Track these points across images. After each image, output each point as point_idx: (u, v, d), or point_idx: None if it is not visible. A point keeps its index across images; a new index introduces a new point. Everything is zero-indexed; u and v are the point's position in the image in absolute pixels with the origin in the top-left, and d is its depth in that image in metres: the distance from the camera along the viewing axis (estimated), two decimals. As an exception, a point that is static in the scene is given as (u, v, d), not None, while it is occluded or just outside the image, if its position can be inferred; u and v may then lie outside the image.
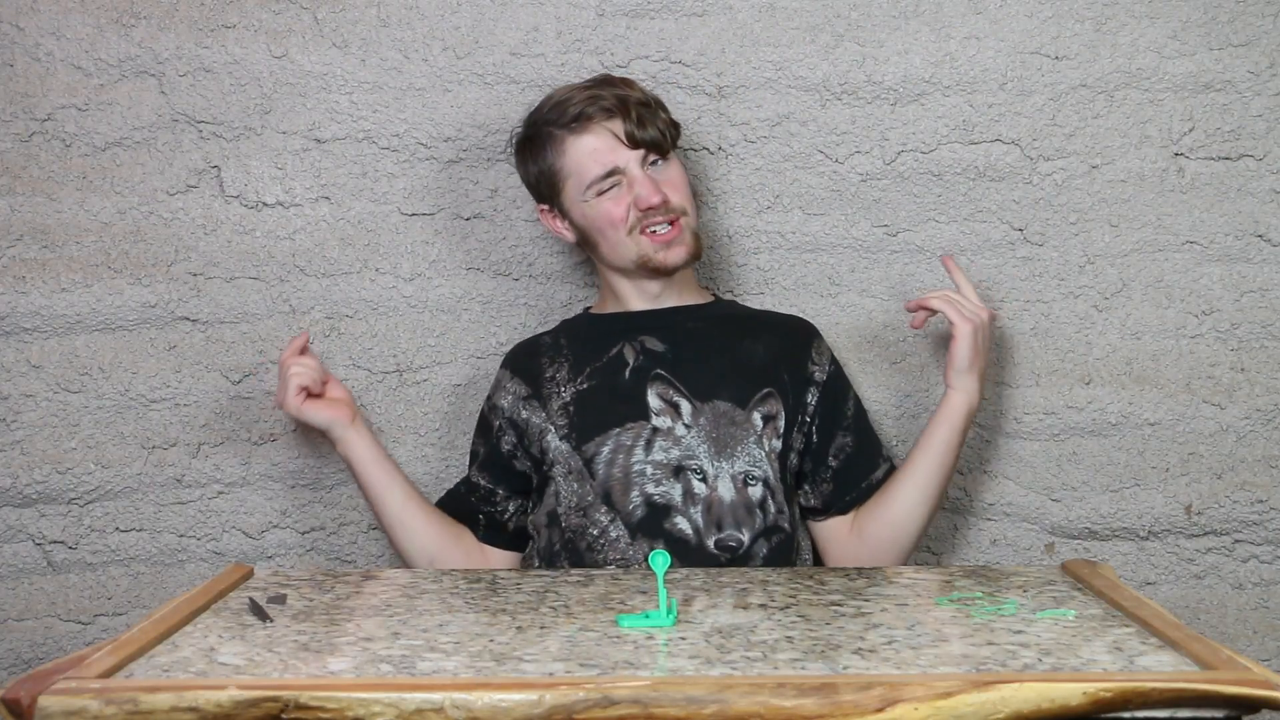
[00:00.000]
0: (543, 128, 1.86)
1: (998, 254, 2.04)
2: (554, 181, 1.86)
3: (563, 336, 1.92)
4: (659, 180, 1.83)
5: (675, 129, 1.88)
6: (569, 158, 1.84)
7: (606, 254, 1.87)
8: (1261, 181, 2.02)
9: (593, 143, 1.82)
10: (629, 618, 1.39)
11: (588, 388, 1.85)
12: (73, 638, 2.06)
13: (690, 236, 1.85)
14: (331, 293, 2.05)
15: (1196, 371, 2.04)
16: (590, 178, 1.82)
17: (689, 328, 1.88)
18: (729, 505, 1.77)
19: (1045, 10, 2.02)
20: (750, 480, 1.79)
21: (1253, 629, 2.07)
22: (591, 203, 1.83)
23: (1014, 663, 1.23)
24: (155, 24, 2.02)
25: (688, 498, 1.77)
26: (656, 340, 1.86)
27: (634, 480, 1.78)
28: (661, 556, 1.42)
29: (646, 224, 1.82)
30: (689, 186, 1.88)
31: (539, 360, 1.90)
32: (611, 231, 1.83)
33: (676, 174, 1.86)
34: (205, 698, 1.14)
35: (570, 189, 1.85)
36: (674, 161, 1.87)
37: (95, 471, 2.04)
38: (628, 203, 1.82)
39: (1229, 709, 1.16)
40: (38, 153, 2.03)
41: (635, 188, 1.82)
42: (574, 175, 1.84)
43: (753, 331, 1.90)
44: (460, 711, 1.13)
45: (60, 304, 2.03)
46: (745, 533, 1.76)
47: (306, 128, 2.03)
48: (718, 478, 1.78)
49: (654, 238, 1.83)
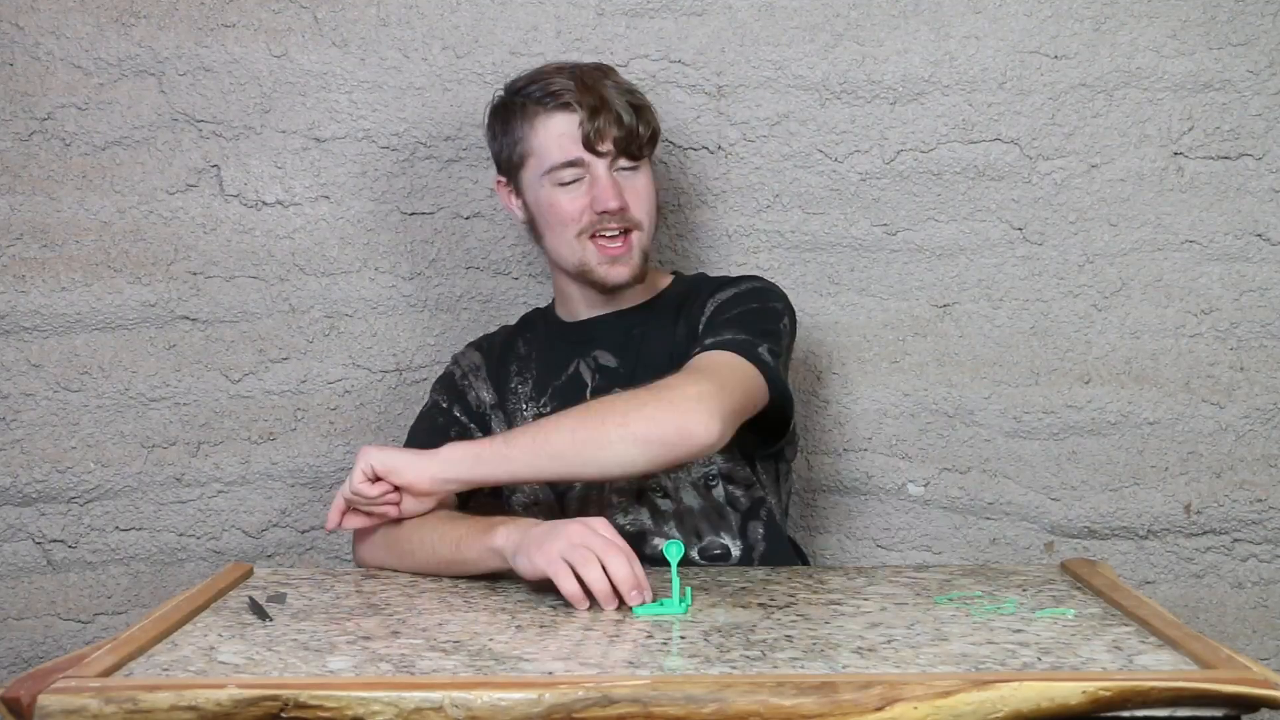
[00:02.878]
0: (518, 97, 1.77)
1: (997, 253, 2.05)
2: (517, 155, 1.77)
3: (534, 349, 1.85)
4: (624, 186, 1.74)
5: (655, 138, 1.79)
6: (536, 136, 1.74)
7: (551, 248, 1.79)
8: (1260, 180, 2.03)
9: (563, 127, 1.72)
10: (643, 606, 1.41)
11: (550, 411, 1.75)
12: (72, 636, 2.06)
13: (638, 256, 1.75)
14: (331, 292, 2.05)
15: (1196, 370, 2.04)
16: (551, 162, 1.73)
17: (635, 333, 1.79)
18: (700, 511, 1.73)
19: (1044, 10, 2.02)
20: (710, 481, 1.73)
21: (1252, 628, 2.07)
22: (547, 190, 1.74)
23: (1013, 662, 1.23)
24: (155, 23, 2.02)
25: (658, 518, 1.72)
26: (609, 354, 1.79)
27: (606, 514, 1.65)
28: (675, 546, 1.44)
29: (598, 229, 1.73)
30: (654, 200, 1.78)
31: (508, 368, 1.84)
32: (560, 228, 1.75)
33: (644, 184, 1.76)
34: (205, 697, 1.14)
35: (531, 167, 1.76)
36: (645, 171, 1.77)
37: (95, 470, 2.04)
38: (584, 204, 1.73)
39: (1228, 708, 1.16)
40: (37, 152, 2.03)
41: (595, 188, 1.73)
42: (536, 155, 1.74)
43: (685, 312, 1.79)
44: (460, 710, 1.13)
45: (60, 303, 2.03)
46: (725, 536, 1.72)
47: (306, 127, 2.04)
48: (679, 489, 1.73)
49: (602, 248, 1.74)
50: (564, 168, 1.73)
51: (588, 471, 1.60)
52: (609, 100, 1.73)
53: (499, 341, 1.89)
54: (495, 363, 1.85)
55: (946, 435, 2.07)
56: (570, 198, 1.74)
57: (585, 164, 1.73)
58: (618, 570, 1.42)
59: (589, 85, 1.74)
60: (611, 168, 1.74)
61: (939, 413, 2.06)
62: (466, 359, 1.87)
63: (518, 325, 1.92)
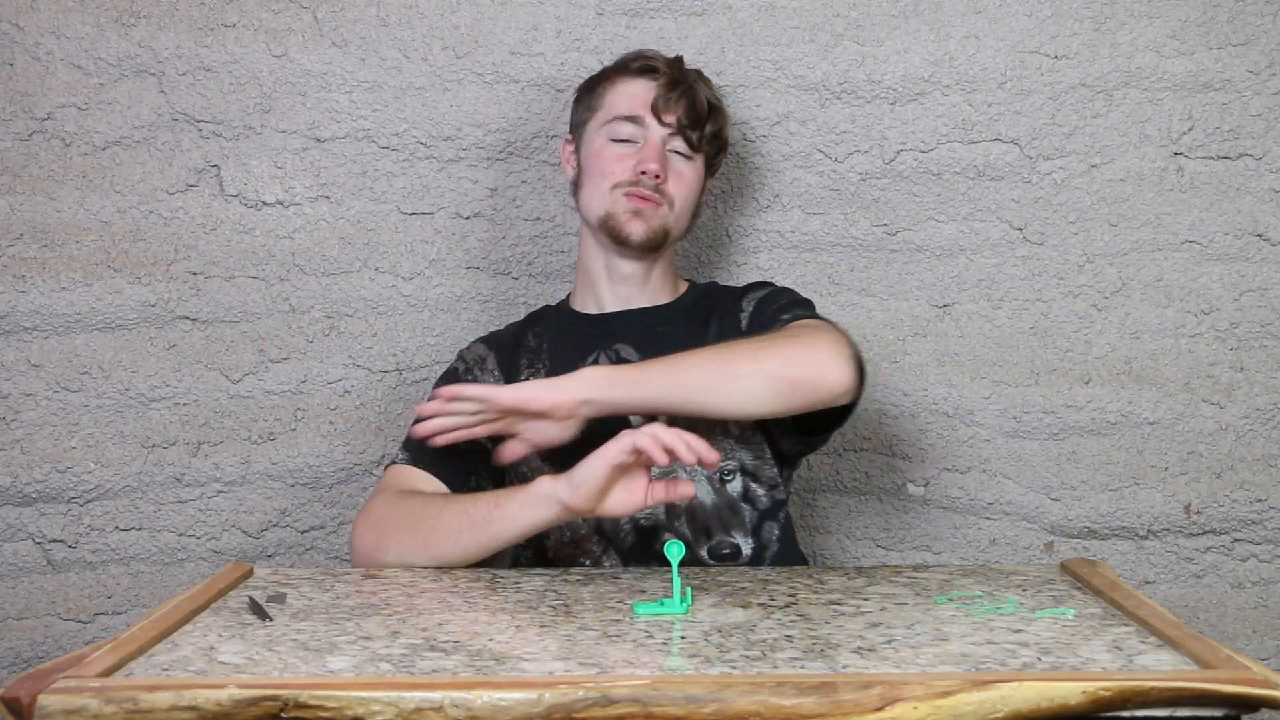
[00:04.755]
0: (613, 67, 1.85)
1: (997, 253, 2.05)
2: (589, 108, 1.84)
3: (544, 340, 1.86)
4: (671, 164, 1.79)
5: (717, 144, 1.84)
6: (613, 91, 1.82)
7: (584, 202, 1.82)
8: (1260, 181, 2.03)
9: (638, 89, 1.80)
10: (644, 605, 1.41)
11: None
12: (72, 636, 2.06)
13: (659, 223, 1.78)
14: (331, 292, 2.05)
15: (1196, 371, 2.04)
16: (614, 113, 1.80)
17: (659, 330, 1.81)
18: (712, 508, 1.73)
19: (1044, 10, 2.02)
20: (726, 476, 1.74)
21: (1252, 628, 2.07)
22: (601, 140, 1.80)
23: (1013, 662, 1.23)
24: (155, 23, 2.02)
25: (671, 511, 1.73)
26: (630, 349, 1.80)
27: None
28: (676, 546, 1.44)
29: (633, 190, 1.77)
30: (696, 196, 1.83)
31: (518, 361, 1.84)
32: (599, 178, 1.79)
33: (690, 174, 1.81)
34: (205, 697, 1.14)
35: (596, 119, 1.82)
36: (696, 166, 1.82)
37: (95, 470, 2.04)
38: (629, 163, 1.77)
39: (1228, 708, 1.16)
40: (37, 152, 2.03)
41: (644, 150, 1.78)
42: (604, 108, 1.82)
43: (714, 317, 1.83)
44: (460, 710, 1.13)
45: (60, 303, 2.03)
46: (737, 534, 1.73)
47: (306, 127, 2.04)
48: (695, 483, 1.70)
49: (630, 195, 1.77)
50: (624, 120, 1.80)
51: (714, 404, 1.60)
52: (690, 85, 1.81)
53: (507, 336, 1.89)
54: (505, 356, 1.85)
55: (946, 435, 2.07)
56: (618, 154, 1.79)
57: (645, 125, 1.79)
58: (669, 435, 1.45)
59: (680, 67, 1.83)
60: (666, 144, 1.79)
61: (938, 413, 2.06)
62: (471, 353, 1.87)
63: (525, 320, 1.92)
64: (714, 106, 1.83)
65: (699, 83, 1.83)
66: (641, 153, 1.78)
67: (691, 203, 1.83)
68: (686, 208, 1.82)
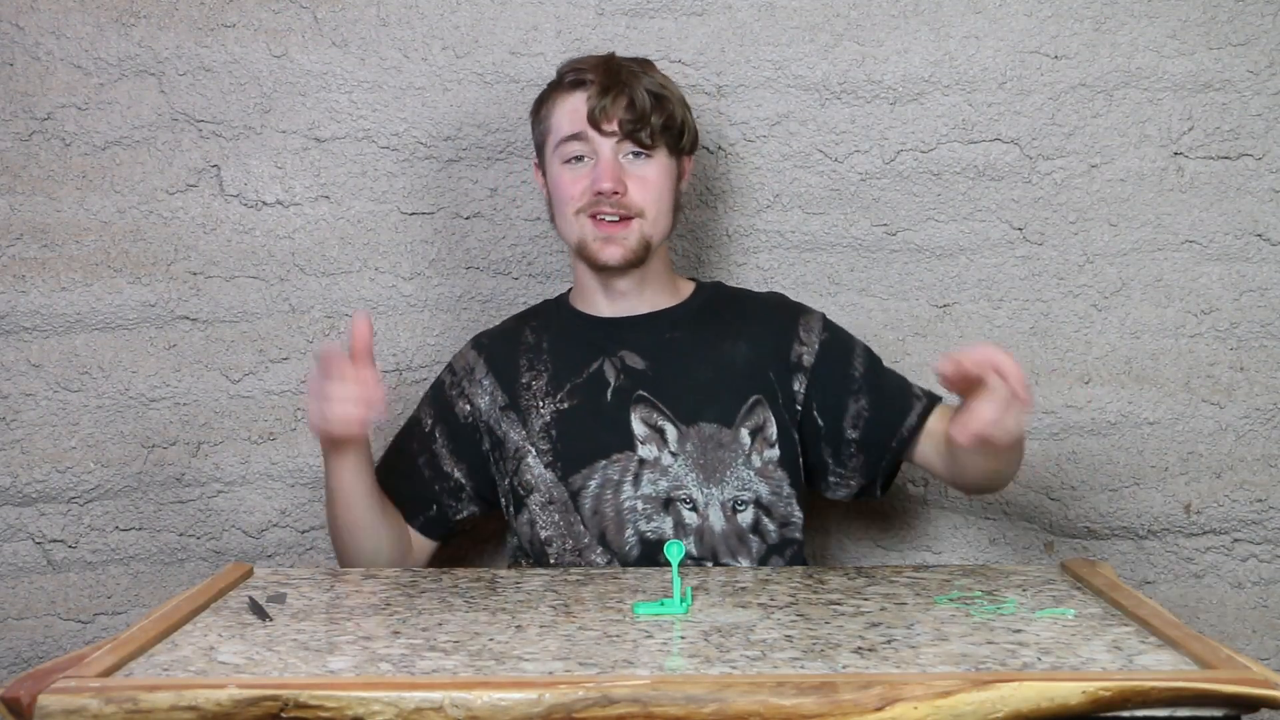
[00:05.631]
0: (549, 85, 1.81)
1: (997, 253, 2.05)
2: (541, 131, 1.80)
3: (544, 337, 1.84)
4: (629, 172, 1.73)
5: (674, 131, 1.76)
6: (555, 113, 1.76)
7: (559, 227, 1.80)
8: (1260, 180, 2.03)
9: (575, 103, 1.74)
10: (644, 605, 1.41)
11: (569, 408, 1.77)
12: (72, 636, 2.06)
13: (635, 241, 1.74)
14: (331, 292, 2.05)
15: (1196, 371, 2.04)
16: (560, 134, 1.75)
17: (668, 338, 1.79)
18: (720, 534, 1.71)
19: (1044, 9, 2.02)
20: (739, 506, 1.72)
21: (1252, 628, 2.07)
22: (556, 166, 1.76)
23: (1013, 662, 1.23)
24: (155, 23, 2.02)
25: (679, 530, 1.71)
26: (637, 356, 1.78)
27: (626, 519, 1.71)
28: (676, 546, 1.44)
29: (596, 210, 1.73)
30: (666, 192, 1.76)
31: (516, 362, 1.83)
32: (563, 205, 1.75)
33: (654, 174, 1.75)
34: (205, 697, 1.14)
35: (549, 143, 1.78)
36: (657, 161, 1.75)
37: (95, 470, 2.04)
38: (585, 184, 1.73)
39: (1228, 708, 1.16)
40: (37, 152, 2.03)
41: (596, 168, 1.73)
42: (552, 130, 1.77)
43: (734, 327, 1.80)
44: (460, 710, 1.13)
45: (60, 303, 2.03)
46: (744, 560, 1.71)
47: (306, 127, 2.04)
48: (708, 505, 1.71)
49: (598, 223, 1.73)
50: (569, 141, 1.74)
51: None
52: (625, 83, 1.73)
53: (501, 335, 1.88)
54: (500, 359, 1.84)
55: (946, 435, 2.07)
56: (573, 176, 1.75)
57: (590, 141, 1.73)
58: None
59: (611, 69, 1.75)
60: (618, 152, 1.74)
61: (939, 413, 2.06)
62: (460, 362, 1.87)
63: (523, 315, 1.91)
64: (658, 95, 1.75)
65: (636, 77, 1.75)
66: (594, 171, 1.73)
67: (665, 200, 1.76)
68: (661, 209, 1.76)
